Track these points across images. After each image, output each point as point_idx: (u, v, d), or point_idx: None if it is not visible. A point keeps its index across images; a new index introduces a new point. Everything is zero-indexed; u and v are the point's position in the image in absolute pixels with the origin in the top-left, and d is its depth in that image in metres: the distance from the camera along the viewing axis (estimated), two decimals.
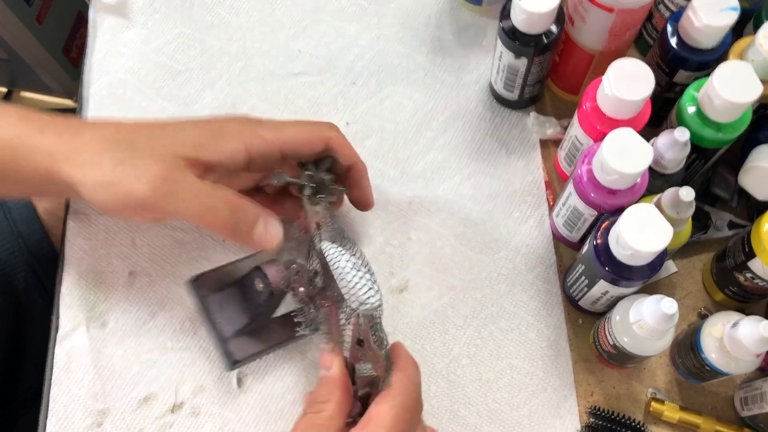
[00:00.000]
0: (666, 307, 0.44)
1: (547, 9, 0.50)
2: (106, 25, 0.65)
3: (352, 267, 0.44)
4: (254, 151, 0.46)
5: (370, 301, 0.43)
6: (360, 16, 0.66)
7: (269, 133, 0.47)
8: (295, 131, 0.48)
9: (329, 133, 0.49)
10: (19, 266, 0.65)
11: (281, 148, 0.47)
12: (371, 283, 0.44)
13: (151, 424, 0.52)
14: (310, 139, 0.48)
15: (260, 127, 0.47)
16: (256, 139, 0.46)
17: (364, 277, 0.44)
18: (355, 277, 0.44)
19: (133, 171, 0.43)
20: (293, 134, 0.48)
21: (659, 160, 0.48)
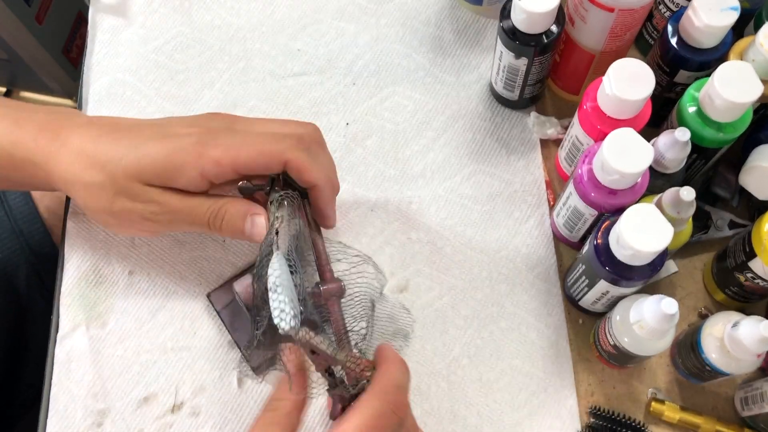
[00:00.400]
0: (666, 307, 0.44)
1: (548, 9, 0.50)
2: (106, 25, 0.65)
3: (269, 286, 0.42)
4: (209, 175, 0.46)
5: (281, 325, 0.41)
6: (359, 16, 0.66)
7: (224, 155, 0.46)
8: (251, 153, 0.46)
9: (284, 155, 0.46)
10: (21, 265, 0.65)
11: (236, 170, 0.46)
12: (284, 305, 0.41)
13: (151, 424, 0.52)
14: (265, 162, 0.46)
15: (216, 147, 0.46)
16: (209, 164, 0.46)
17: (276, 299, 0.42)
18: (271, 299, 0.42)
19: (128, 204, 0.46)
20: (249, 156, 0.46)
21: (660, 160, 0.48)
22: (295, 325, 0.41)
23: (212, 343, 0.55)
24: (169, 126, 0.48)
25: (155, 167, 0.46)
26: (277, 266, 0.43)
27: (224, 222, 0.47)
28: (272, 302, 0.41)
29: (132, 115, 0.62)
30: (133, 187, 0.46)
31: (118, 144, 0.47)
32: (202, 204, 0.47)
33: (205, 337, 0.55)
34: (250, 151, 0.46)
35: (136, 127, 0.48)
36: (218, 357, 0.54)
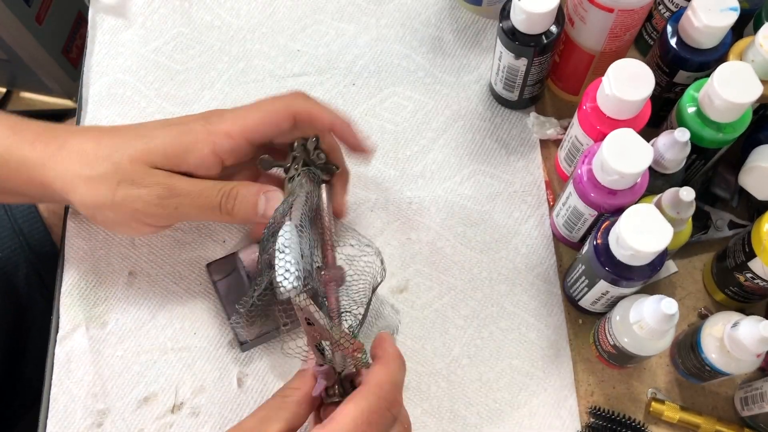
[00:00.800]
0: (666, 307, 0.44)
1: (547, 9, 0.50)
2: (106, 25, 0.65)
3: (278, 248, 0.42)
4: (222, 152, 0.45)
5: (283, 284, 0.41)
6: (359, 16, 0.66)
7: (232, 125, 0.45)
8: (258, 116, 0.46)
9: (294, 106, 0.46)
10: (21, 265, 0.65)
11: (248, 138, 0.46)
12: (289, 264, 0.41)
13: (151, 424, 0.52)
14: (274, 119, 0.46)
15: (223, 121, 0.46)
16: (220, 138, 0.45)
17: (283, 259, 0.41)
18: (280, 260, 0.42)
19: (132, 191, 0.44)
20: (256, 119, 0.46)
21: (659, 161, 0.48)
22: (298, 285, 0.41)
23: (212, 343, 0.55)
24: (174, 119, 0.48)
25: (164, 148, 0.44)
26: (288, 231, 0.43)
27: (237, 202, 0.45)
28: (278, 262, 0.41)
29: (132, 115, 0.62)
30: (138, 170, 0.44)
31: (122, 137, 0.46)
32: (213, 186, 0.46)
33: (205, 337, 0.55)
34: (257, 115, 0.46)
35: (139, 125, 0.47)
36: (218, 357, 0.54)
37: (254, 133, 0.45)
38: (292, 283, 0.41)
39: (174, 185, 0.45)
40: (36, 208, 0.66)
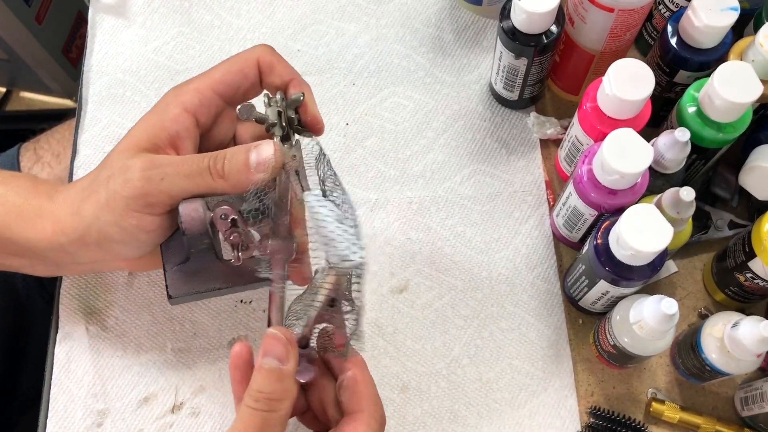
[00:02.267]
0: (666, 307, 0.44)
1: (547, 9, 0.50)
2: (106, 25, 0.65)
3: (336, 219, 0.40)
4: (192, 107, 0.44)
5: (351, 257, 0.39)
6: (359, 16, 0.66)
7: (199, 82, 0.45)
8: (223, 67, 0.46)
9: (257, 54, 0.46)
10: None
11: (216, 90, 0.45)
12: (355, 238, 0.39)
13: (151, 424, 0.52)
14: (239, 68, 0.46)
15: (190, 82, 0.46)
16: (188, 95, 0.45)
17: (348, 230, 0.40)
18: (337, 230, 0.40)
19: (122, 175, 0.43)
20: (222, 70, 0.46)
21: (660, 160, 0.48)
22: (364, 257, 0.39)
23: (212, 343, 0.55)
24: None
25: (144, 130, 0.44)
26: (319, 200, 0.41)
27: (226, 161, 0.42)
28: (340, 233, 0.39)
29: (132, 115, 0.62)
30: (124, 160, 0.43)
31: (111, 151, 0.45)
32: (200, 154, 0.43)
33: (205, 337, 0.55)
34: (222, 67, 0.46)
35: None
36: (218, 357, 0.54)
37: (221, 83, 0.45)
38: (359, 255, 0.39)
39: (161, 159, 0.43)
40: None
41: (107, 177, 0.43)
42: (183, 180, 0.42)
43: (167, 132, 0.44)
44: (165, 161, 0.42)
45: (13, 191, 0.46)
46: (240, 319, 0.55)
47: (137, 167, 0.42)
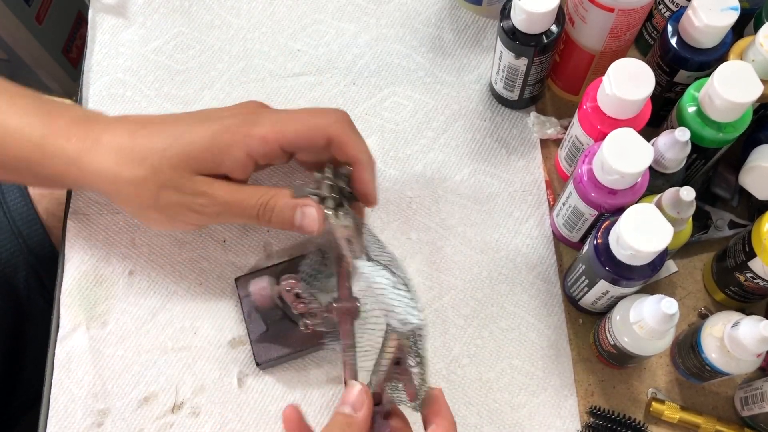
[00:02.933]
0: (666, 307, 0.44)
1: (547, 9, 0.50)
2: (106, 25, 0.65)
3: (392, 285, 0.43)
4: (256, 155, 0.47)
5: (411, 321, 0.41)
6: (359, 16, 0.66)
7: (269, 132, 0.46)
8: (296, 128, 0.47)
9: (330, 129, 0.47)
10: (20, 266, 0.65)
11: (282, 146, 0.47)
12: (412, 302, 0.42)
13: (152, 424, 0.52)
14: (311, 136, 0.47)
15: (260, 125, 0.47)
16: (256, 142, 0.46)
17: (404, 295, 0.42)
18: (394, 295, 0.42)
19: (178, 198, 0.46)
20: (294, 132, 0.47)
21: (660, 160, 0.48)
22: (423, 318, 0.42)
23: (212, 343, 0.55)
24: (208, 112, 0.48)
25: (202, 152, 0.45)
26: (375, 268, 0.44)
27: (274, 214, 0.47)
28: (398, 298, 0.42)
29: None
30: (179, 178, 0.45)
31: (158, 135, 0.46)
32: (251, 196, 0.47)
33: (205, 337, 0.55)
34: (295, 126, 0.46)
35: (172, 118, 0.48)
36: (218, 357, 0.54)
37: (289, 143, 0.47)
38: (418, 318, 0.41)
39: (215, 194, 0.46)
40: (35, 210, 0.66)
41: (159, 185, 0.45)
42: (233, 218, 0.48)
43: (224, 169, 0.46)
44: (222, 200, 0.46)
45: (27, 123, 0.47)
46: (240, 319, 0.55)
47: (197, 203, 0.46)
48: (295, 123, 0.47)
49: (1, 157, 0.48)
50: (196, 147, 0.45)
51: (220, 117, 0.47)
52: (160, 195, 0.45)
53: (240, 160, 0.46)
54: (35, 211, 0.66)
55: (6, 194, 0.66)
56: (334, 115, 0.48)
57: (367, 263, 0.45)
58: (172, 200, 0.46)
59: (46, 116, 0.47)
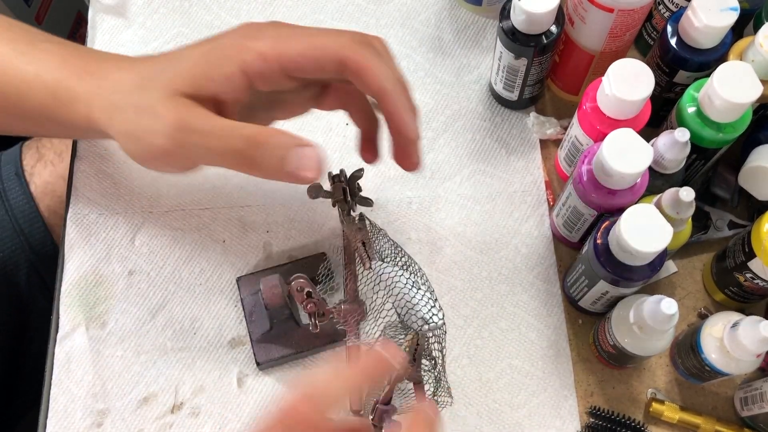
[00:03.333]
0: (666, 307, 0.44)
1: (547, 9, 0.50)
2: (106, 25, 0.65)
3: (412, 285, 0.42)
4: (251, 72, 0.40)
5: (434, 320, 0.41)
6: (359, 16, 0.66)
7: (270, 47, 0.39)
8: (301, 47, 0.39)
9: (342, 51, 0.39)
10: (21, 264, 0.65)
11: (283, 66, 0.40)
12: (433, 301, 0.42)
13: (151, 424, 0.52)
14: (318, 57, 0.39)
15: (260, 39, 0.40)
16: (252, 57, 0.39)
17: (425, 295, 0.42)
18: (416, 295, 0.42)
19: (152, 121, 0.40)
20: (298, 50, 0.39)
21: (659, 161, 0.48)
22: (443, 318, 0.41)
23: (212, 343, 0.55)
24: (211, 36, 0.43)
25: (191, 68, 0.40)
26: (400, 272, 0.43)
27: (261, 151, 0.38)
28: (420, 298, 0.41)
29: None
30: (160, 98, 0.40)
31: (157, 63, 0.42)
32: (236, 125, 0.39)
33: (205, 337, 0.55)
34: (300, 44, 0.39)
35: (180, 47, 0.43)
36: (218, 357, 0.54)
37: (291, 63, 0.39)
38: (441, 318, 0.41)
39: (188, 119, 0.39)
40: (36, 207, 0.66)
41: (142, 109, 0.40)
42: (211, 155, 0.39)
43: (215, 86, 0.40)
44: (197, 126, 0.39)
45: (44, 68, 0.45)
46: (240, 319, 0.55)
47: (168, 125, 0.39)
48: (300, 40, 0.39)
49: (22, 107, 0.47)
50: (185, 65, 0.40)
51: (218, 37, 0.42)
52: (140, 121, 0.40)
53: (233, 77, 0.39)
54: (37, 208, 0.66)
55: (8, 191, 0.66)
56: (350, 35, 0.40)
57: (385, 264, 0.45)
58: (149, 126, 0.39)
59: (62, 61, 0.46)
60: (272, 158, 0.38)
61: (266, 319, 0.53)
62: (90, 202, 0.58)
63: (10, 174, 0.67)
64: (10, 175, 0.67)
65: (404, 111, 0.41)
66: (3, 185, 0.66)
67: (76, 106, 0.44)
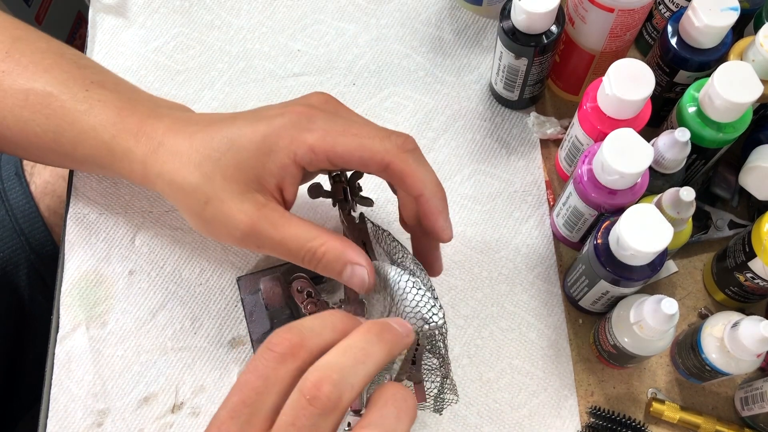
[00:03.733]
0: (666, 307, 0.44)
1: (547, 9, 0.50)
2: (106, 25, 0.65)
3: (413, 285, 0.42)
4: (302, 162, 0.43)
5: (434, 320, 0.41)
6: (359, 16, 0.66)
7: (320, 141, 0.42)
8: (349, 146, 0.42)
9: (387, 156, 0.42)
10: (22, 264, 0.65)
11: (330, 159, 0.43)
12: (434, 301, 0.42)
13: (152, 424, 0.52)
14: (364, 160, 0.42)
15: (311, 131, 0.43)
16: (303, 151, 0.42)
17: (425, 295, 0.42)
18: (416, 296, 0.42)
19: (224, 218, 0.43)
20: (346, 149, 0.42)
21: (660, 160, 0.48)
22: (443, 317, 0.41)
23: (212, 343, 0.55)
24: (264, 110, 0.45)
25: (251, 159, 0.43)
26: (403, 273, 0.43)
27: (321, 264, 0.43)
28: (420, 298, 0.41)
29: None
30: (229, 192, 0.43)
31: (214, 139, 0.44)
32: (298, 238, 0.43)
33: (205, 337, 0.55)
34: (348, 143, 0.42)
35: (230, 119, 0.45)
36: (218, 357, 0.54)
37: (338, 159, 0.42)
38: (441, 318, 0.41)
39: (261, 226, 0.43)
40: (37, 208, 0.66)
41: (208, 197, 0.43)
42: (277, 254, 0.44)
43: (275, 178, 0.43)
44: (266, 234, 0.43)
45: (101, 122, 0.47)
46: (240, 319, 0.55)
47: (239, 228, 0.43)
48: (349, 140, 0.42)
49: (74, 153, 0.49)
50: (245, 154, 0.43)
51: (273, 116, 0.44)
52: (206, 208, 0.43)
53: (287, 168, 0.43)
54: (37, 208, 0.66)
55: (8, 191, 0.66)
56: (396, 140, 0.43)
57: (388, 265, 0.45)
58: (217, 217, 0.43)
59: (117, 117, 0.47)
60: (328, 270, 0.43)
61: (266, 319, 0.52)
62: (90, 202, 0.58)
63: (10, 174, 0.67)
64: (10, 174, 0.67)
65: (439, 215, 0.44)
66: (3, 185, 0.66)
67: (133, 165, 0.46)
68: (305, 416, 0.31)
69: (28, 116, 0.48)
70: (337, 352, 0.33)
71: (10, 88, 0.48)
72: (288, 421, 0.31)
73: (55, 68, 0.49)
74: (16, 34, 0.51)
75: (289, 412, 0.32)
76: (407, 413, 0.34)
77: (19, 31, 0.52)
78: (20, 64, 0.49)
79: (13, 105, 0.48)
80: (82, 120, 0.47)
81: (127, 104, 0.48)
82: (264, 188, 0.43)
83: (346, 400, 0.32)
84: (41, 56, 0.50)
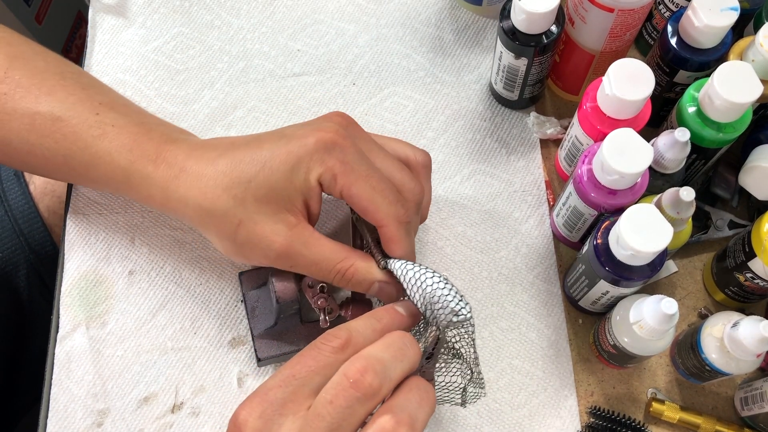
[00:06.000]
0: (666, 307, 0.44)
1: (547, 9, 0.50)
2: (106, 25, 0.65)
3: (439, 279, 0.42)
4: (323, 182, 0.45)
5: (462, 312, 0.41)
6: (359, 16, 0.66)
7: (342, 177, 0.44)
8: (363, 195, 0.44)
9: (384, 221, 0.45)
10: (21, 265, 0.65)
11: (341, 192, 0.45)
12: (460, 295, 0.42)
13: (152, 424, 0.52)
14: (366, 210, 0.45)
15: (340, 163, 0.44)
16: (329, 176, 0.44)
17: (452, 288, 0.42)
18: (443, 289, 0.42)
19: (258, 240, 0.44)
20: (359, 195, 0.44)
21: (659, 160, 0.48)
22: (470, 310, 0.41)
23: (212, 343, 0.55)
24: (289, 132, 0.46)
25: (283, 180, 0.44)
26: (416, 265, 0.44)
27: (350, 284, 0.46)
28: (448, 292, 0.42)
29: None
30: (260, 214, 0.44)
31: (242, 162, 0.44)
32: (329, 259, 0.45)
33: (205, 337, 0.55)
34: (363, 192, 0.44)
35: (255, 141, 0.46)
36: (218, 357, 0.54)
37: (346, 196, 0.45)
38: (468, 310, 0.41)
39: (295, 246, 0.44)
40: (36, 208, 0.66)
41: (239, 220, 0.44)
42: (307, 273, 0.46)
43: (303, 196, 0.45)
44: (298, 255, 0.45)
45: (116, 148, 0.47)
46: (240, 319, 0.55)
47: (273, 250, 0.44)
48: (365, 188, 0.44)
49: (88, 175, 0.49)
50: (279, 176, 0.44)
51: (303, 136, 0.45)
52: (238, 230, 0.44)
53: (314, 187, 0.45)
54: (36, 209, 0.66)
55: (7, 192, 0.66)
56: (400, 209, 0.45)
57: (401, 261, 0.45)
58: (250, 240, 0.44)
59: (134, 142, 0.47)
60: (356, 287, 0.46)
61: (269, 315, 0.52)
62: (90, 202, 0.58)
63: (9, 174, 0.67)
64: (10, 175, 0.67)
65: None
66: (2, 186, 0.66)
67: (151, 190, 0.46)
68: (344, 397, 0.34)
69: (36, 140, 0.48)
70: (380, 347, 0.37)
71: (14, 112, 0.47)
72: (328, 399, 0.34)
73: (58, 90, 0.48)
74: (11, 51, 0.50)
75: (330, 390, 0.35)
76: (428, 402, 0.37)
77: (13, 48, 0.50)
78: (21, 85, 0.48)
79: (19, 129, 0.48)
80: (96, 145, 0.47)
81: (141, 128, 0.48)
82: (293, 207, 0.45)
83: (384, 390, 0.35)
84: (41, 78, 0.49)
